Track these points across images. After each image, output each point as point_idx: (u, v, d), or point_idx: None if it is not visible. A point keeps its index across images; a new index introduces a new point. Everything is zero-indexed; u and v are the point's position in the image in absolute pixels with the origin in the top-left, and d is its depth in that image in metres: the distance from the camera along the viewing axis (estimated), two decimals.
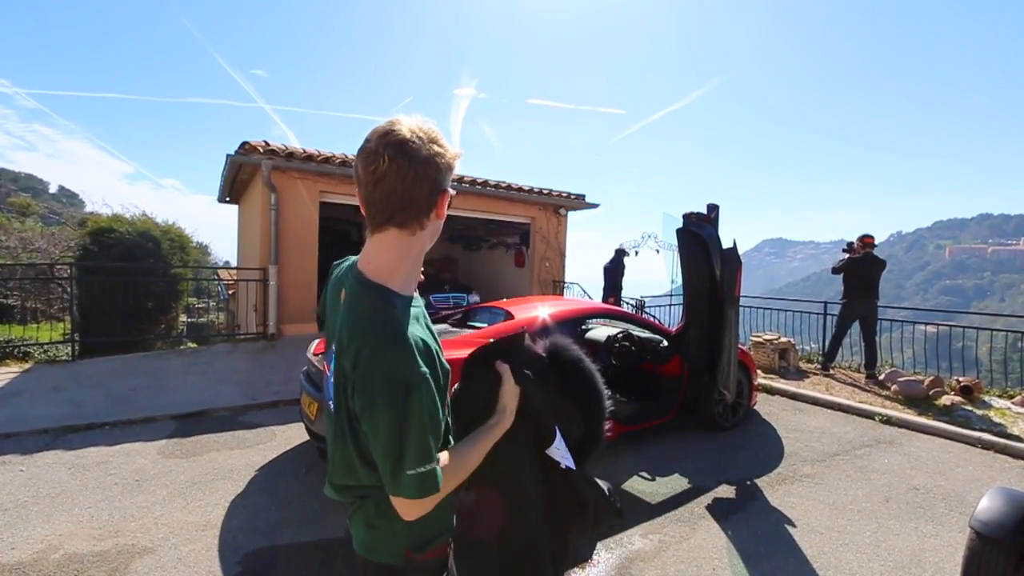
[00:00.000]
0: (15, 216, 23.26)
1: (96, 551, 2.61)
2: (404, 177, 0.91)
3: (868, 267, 6.58)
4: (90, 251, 8.51)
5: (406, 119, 0.95)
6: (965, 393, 5.67)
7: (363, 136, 0.98)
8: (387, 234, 0.97)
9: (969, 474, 3.96)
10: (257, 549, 2.69)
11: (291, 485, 3.44)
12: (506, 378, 1.18)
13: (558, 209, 11.02)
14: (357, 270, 1.02)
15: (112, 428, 4.28)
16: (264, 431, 4.38)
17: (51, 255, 13.70)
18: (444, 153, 0.96)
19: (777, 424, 5.03)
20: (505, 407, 1.16)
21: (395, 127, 0.93)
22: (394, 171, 0.91)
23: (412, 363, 0.89)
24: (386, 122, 0.96)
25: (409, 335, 0.92)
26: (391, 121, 0.95)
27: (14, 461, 3.61)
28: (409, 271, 1.02)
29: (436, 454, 0.92)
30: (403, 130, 0.92)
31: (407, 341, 0.91)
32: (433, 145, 0.94)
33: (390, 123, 0.95)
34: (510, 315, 4.08)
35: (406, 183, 0.92)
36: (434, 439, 0.91)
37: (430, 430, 0.90)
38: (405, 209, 0.95)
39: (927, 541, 2.97)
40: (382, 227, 0.97)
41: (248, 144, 7.36)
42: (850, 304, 6.70)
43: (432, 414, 0.90)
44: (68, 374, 5.63)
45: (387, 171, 0.91)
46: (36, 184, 52.26)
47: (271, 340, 7.46)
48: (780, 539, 2.96)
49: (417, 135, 0.93)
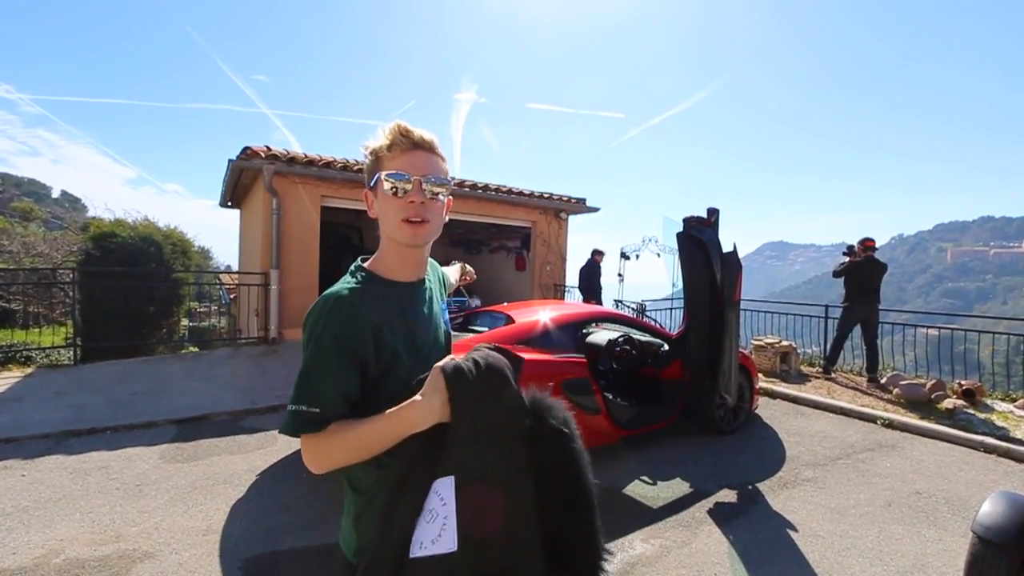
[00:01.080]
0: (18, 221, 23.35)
1: (97, 556, 2.61)
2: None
3: (869, 271, 6.58)
4: (92, 256, 8.53)
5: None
6: (967, 396, 5.65)
7: (364, 140, 1.08)
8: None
9: (972, 478, 3.94)
10: (258, 554, 2.69)
11: (292, 490, 3.44)
12: (438, 368, 0.98)
13: (559, 213, 11.03)
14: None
15: (114, 433, 4.29)
16: (265, 435, 4.39)
17: (53, 260, 13.73)
18: (366, 151, 1.07)
19: (778, 428, 5.02)
20: (421, 396, 0.96)
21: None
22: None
23: (317, 317, 0.99)
24: None
25: (329, 294, 1.01)
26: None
27: (16, 466, 3.61)
28: (388, 259, 1.11)
29: (323, 404, 0.95)
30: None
31: (323, 298, 1.01)
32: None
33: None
34: (511, 319, 4.09)
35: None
36: (321, 388, 0.96)
37: (314, 377, 0.96)
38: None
39: (930, 546, 2.96)
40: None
41: (250, 149, 7.40)
42: (851, 308, 6.69)
43: (317, 365, 0.97)
44: (70, 378, 5.64)
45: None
46: (39, 189, 52.49)
47: (272, 344, 7.46)
48: (782, 544, 2.95)
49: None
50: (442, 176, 1.07)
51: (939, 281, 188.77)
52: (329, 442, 0.95)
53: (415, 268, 1.13)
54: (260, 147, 7.44)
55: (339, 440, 0.95)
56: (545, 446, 1.00)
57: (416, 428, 0.95)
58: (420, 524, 0.92)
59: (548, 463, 1.00)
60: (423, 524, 0.92)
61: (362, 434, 0.95)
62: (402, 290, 1.10)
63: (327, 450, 0.95)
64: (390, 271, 1.10)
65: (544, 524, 0.97)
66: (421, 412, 0.94)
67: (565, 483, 1.01)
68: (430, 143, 1.06)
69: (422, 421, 0.95)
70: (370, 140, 1.07)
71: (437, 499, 0.93)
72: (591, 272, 10.03)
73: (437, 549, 0.90)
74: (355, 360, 0.98)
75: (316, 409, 0.95)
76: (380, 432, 0.95)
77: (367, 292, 1.03)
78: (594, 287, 9.91)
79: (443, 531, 0.91)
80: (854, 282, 6.66)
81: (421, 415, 0.94)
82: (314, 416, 0.95)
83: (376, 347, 1.00)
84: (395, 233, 1.06)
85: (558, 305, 4.79)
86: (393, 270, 1.10)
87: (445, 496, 0.93)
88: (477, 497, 0.93)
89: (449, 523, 0.91)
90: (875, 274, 6.60)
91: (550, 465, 1.00)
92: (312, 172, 7.74)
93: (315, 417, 0.95)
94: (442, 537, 0.90)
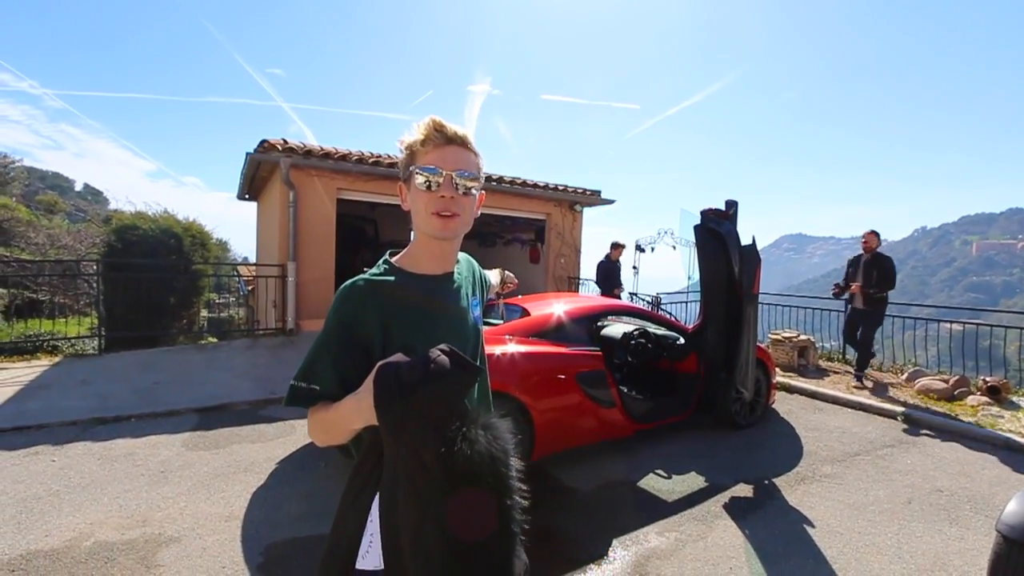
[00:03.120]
0: (43, 213, 23.95)
1: (125, 539, 2.69)
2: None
3: (867, 267, 6.13)
4: (114, 248, 8.72)
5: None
6: (992, 393, 5.53)
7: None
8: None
9: (995, 476, 3.87)
10: (279, 540, 2.75)
11: (311, 478, 3.50)
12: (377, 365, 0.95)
13: (573, 205, 10.97)
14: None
15: (138, 421, 4.40)
16: (284, 425, 4.46)
17: (77, 251, 14.07)
18: (401, 146, 1.11)
19: (796, 423, 4.97)
20: (356, 392, 0.96)
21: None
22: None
23: (333, 305, 1.05)
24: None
25: (347, 283, 1.06)
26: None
27: (46, 451, 3.73)
28: (415, 253, 1.15)
29: (317, 382, 1.01)
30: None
31: (342, 288, 1.06)
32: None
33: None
34: (526, 312, 4.09)
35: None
36: (318, 368, 1.02)
37: (315, 358, 1.03)
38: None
39: (951, 544, 2.92)
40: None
41: (267, 142, 7.47)
42: (851, 303, 6.44)
43: (321, 346, 1.03)
44: (95, 368, 5.79)
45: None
46: (62, 182, 53.63)
47: (290, 335, 7.58)
48: (799, 540, 2.93)
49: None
50: (474, 171, 1.09)
51: (963, 275, 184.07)
52: (312, 418, 1.03)
53: (443, 261, 1.15)
54: (277, 140, 7.51)
55: (315, 418, 1.02)
56: (466, 473, 0.86)
57: (351, 424, 0.96)
58: (364, 535, 0.94)
59: (468, 492, 0.87)
60: (364, 535, 0.93)
61: (324, 418, 1.01)
62: (427, 283, 1.12)
63: (312, 425, 1.04)
64: (416, 264, 1.13)
65: (448, 560, 0.86)
66: (351, 408, 0.95)
67: (480, 518, 0.89)
68: (463, 138, 1.08)
69: (353, 417, 0.95)
70: (405, 134, 1.09)
71: (368, 515, 0.94)
72: (608, 268, 9.40)
73: (367, 564, 0.91)
74: (358, 347, 1.02)
75: (311, 386, 1.02)
76: (332, 419, 1.00)
77: (384, 284, 1.06)
78: (612, 283, 9.26)
79: (370, 548, 0.91)
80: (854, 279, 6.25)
81: (351, 411, 0.95)
82: (305, 392, 1.02)
83: (384, 338, 1.02)
84: (426, 226, 1.08)
85: (573, 298, 4.77)
86: (419, 263, 1.13)
87: (372, 514, 0.92)
88: (395, 512, 0.89)
89: (375, 541, 0.90)
90: (871, 270, 6.08)
91: (469, 494, 0.87)
92: (328, 165, 7.79)
93: (307, 393, 1.02)
94: (370, 553, 0.90)
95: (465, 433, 0.88)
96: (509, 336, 3.70)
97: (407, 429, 0.87)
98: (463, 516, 0.86)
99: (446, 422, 0.88)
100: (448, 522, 0.85)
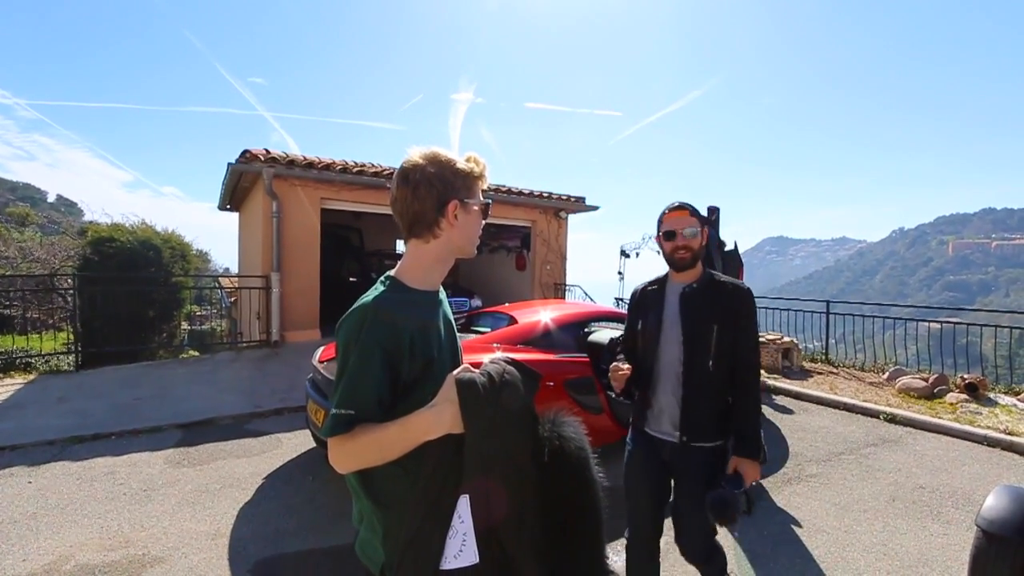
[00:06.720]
0: (14, 226, 23.32)
1: (107, 561, 2.62)
2: (407, 201, 1.11)
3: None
4: (90, 260, 8.53)
5: (414, 150, 1.12)
6: (971, 390, 5.67)
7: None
8: (409, 244, 1.16)
9: (975, 472, 3.96)
10: (267, 557, 2.70)
11: (298, 492, 3.45)
12: (451, 378, 1.02)
13: (558, 212, 11.04)
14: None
15: (118, 438, 4.30)
16: (270, 439, 4.39)
17: (51, 265, 13.71)
18: (443, 169, 1.11)
19: (781, 424, 5.03)
20: (432, 405, 1.01)
21: (402, 162, 1.12)
22: (400, 197, 1.12)
23: (357, 325, 1.03)
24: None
25: (367, 303, 1.05)
26: (405, 156, 1.14)
27: (21, 473, 3.62)
28: (427, 269, 1.17)
29: (360, 407, 1.00)
30: (405, 163, 1.11)
31: (361, 307, 1.05)
32: (429, 167, 1.10)
33: (404, 159, 1.13)
34: (514, 320, 4.09)
35: (409, 205, 1.11)
36: (362, 394, 1.00)
37: (359, 384, 1.00)
38: (416, 224, 1.13)
39: (934, 540, 2.98)
40: (406, 239, 1.16)
41: (249, 152, 7.39)
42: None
43: (358, 370, 1.01)
44: (72, 384, 5.64)
45: (395, 197, 1.12)
46: (34, 193, 52.41)
47: (274, 347, 7.47)
48: (786, 539, 2.97)
49: (415, 162, 1.10)
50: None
51: (940, 274, 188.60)
52: (353, 442, 1.00)
53: (441, 278, 1.21)
54: (259, 150, 7.44)
55: (362, 441, 1.00)
56: (561, 466, 1.06)
57: (427, 436, 1.00)
58: (451, 537, 0.99)
59: (563, 483, 1.06)
60: (452, 537, 0.99)
61: (381, 437, 1.00)
62: (429, 298, 1.17)
63: (352, 449, 1.01)
64: (417, 280, 1.15)
65: (549, 543, 1.05)
66: (430, 421, 0.99)
67: (576, 504, 1.08)
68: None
69: (432, 430, 0.99)
70: (464, 157, 1.15)
71: (456, 517, 0.99)
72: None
73: (461, 563, 0.98)
74: (392, 367, 1.03)
75: (353, 412, 1.00)
76: (395, 437, 1.00)
77: (403, 301, 1.09)
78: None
79: (464, 546, 0.98)
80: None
81: (431, 424, 0.99)
82: (346, 419, 1.01)
83: (411, 354, 1.05)
84: (469, 247, 1.18)
85: (559, 305, 4.79)
86: (421, 279, 1.16)
87: (463, 514, 0.99)
88: (488, 509, 0.99)
89: (469, 539, 0.98)
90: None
91: (563, 485, 1.06)
92: (312, 174, 7.74)
93: (348, 419, 1.01)
94: (464, 552, 0.98)
95: (560, 433, 1.07)
96: (497, 344, 3.70)
97: (498, 434, 0.99)
98: (560, 503, 1.04)
99: (530, 424, 1.05)
100: (547, 509, 1.02)
